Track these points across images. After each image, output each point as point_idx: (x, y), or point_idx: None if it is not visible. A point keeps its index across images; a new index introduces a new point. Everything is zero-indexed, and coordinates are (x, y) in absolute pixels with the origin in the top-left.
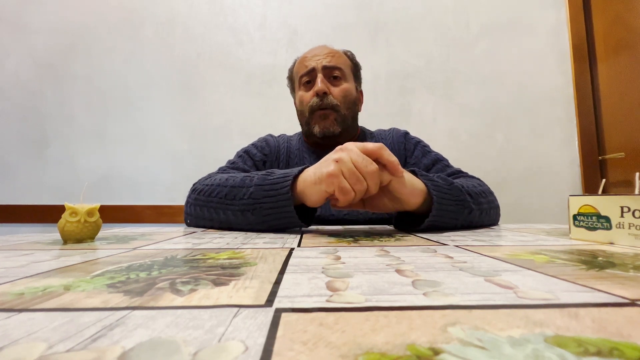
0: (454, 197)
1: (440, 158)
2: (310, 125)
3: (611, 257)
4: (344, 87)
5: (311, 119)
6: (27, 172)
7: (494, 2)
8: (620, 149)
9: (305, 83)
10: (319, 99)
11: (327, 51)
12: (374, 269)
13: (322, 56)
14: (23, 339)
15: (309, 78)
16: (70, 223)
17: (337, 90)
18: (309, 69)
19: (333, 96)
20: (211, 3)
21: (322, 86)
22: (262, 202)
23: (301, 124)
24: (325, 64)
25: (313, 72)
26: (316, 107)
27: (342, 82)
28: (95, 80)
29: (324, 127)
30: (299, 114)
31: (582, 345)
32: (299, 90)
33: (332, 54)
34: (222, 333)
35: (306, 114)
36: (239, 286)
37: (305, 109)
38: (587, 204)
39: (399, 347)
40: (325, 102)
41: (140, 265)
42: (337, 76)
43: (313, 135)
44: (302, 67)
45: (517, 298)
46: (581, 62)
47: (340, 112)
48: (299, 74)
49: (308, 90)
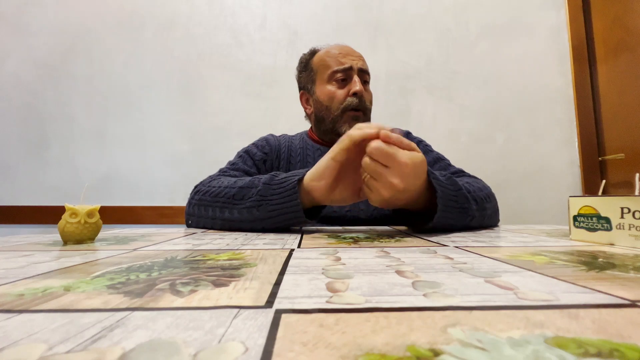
0: (459, 204)
1: (441, 157)
2: (338, 123)
3: (611, 258)
4: (371, 92)
5: (341, 117)
6: (27, 173)
7: (493, 3)
8: (620, 150)
9: (340, 80)
10: (356, 100)
11: (358, 54)
12: (374, 270)
13: (356, 57)
14: (23, 340)
15: (344, 76)
16: (70, 224)
17: (367, 95)
18: (345, 66)
19: (366, 99)
20: (211, 4)
21: (361, 87)
22: (269, 198)
23: (322, 119)
24: (360, 66)
25: (350, 71)
26: (351, 107)
27: (368, 87)
28: (95, 81)
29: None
30: (322, 109)
31: (582, 346)
32: (327, 84)
33: (362, 58)
34: (222, 334)
35: (337, 111)
36: (239, 287)
37: (336, 106)
38: (587, 205)
39: (399, 348)
40: (363, 104)
41: (141, 266)
42: (367, 81)
43: (337, 134)
44: (336, 62)
45: (517, 299)
46: (581, 63)
47: (368, 115)
48: (330, 68)
49: (341, 87)
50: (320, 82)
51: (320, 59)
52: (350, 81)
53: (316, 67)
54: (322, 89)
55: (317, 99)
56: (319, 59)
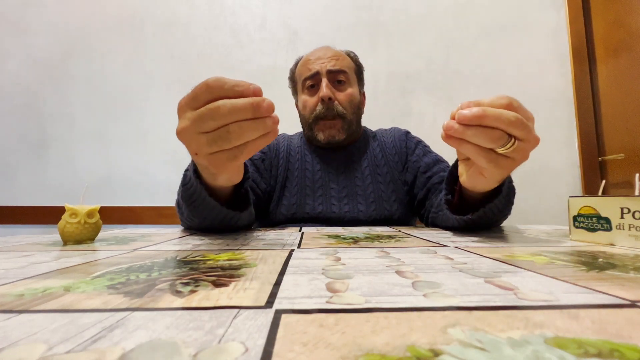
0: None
1: (441, 159)
2: (314, 131)
3: (611, 259)
4: (349, 92)
5: (314, 126)
6: (27, 173)
7: (493, 4)
8: (620, 150)
9: (309, 87)
10: (324, 107)
11: (331, 54)
12: (374, 270)
13: (327, 59)
14: (23, 340)
15: (313, 82)
16: (70, 224)
17: (342, 95)
18: (312, 72)
19: (339, 102)
20: (211, 4)
21: (327, 92)
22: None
23: (303, 127)
24: (329, 67)
25: (317, 76)
26: (321, 116)
27: (346, 86)
28: (95, 81)
29: (329, 135)
30: (301, 118)
31: (582, 346)
32: (302, 94)
33: (337, 57)
34: (222, 334)
35: (310, 120)
36: (239, 287)
37: (308, 114)
38: (587, 205)
39: (399, 348)
40: (331, 111)
41: (140, 266)
42: (342, 80)
43: (316, 140)
44: (306, 70)
45: (517, 299)
46: (581, 64)
47: (347, 118)
48: (302, 77)
49: (312, 94)
50: (299, 91)
51: (298, 68)
52: (319, 87)
53: (296, 77)
54: (300, 99)
55: (298, 108)
56: (297, 69)
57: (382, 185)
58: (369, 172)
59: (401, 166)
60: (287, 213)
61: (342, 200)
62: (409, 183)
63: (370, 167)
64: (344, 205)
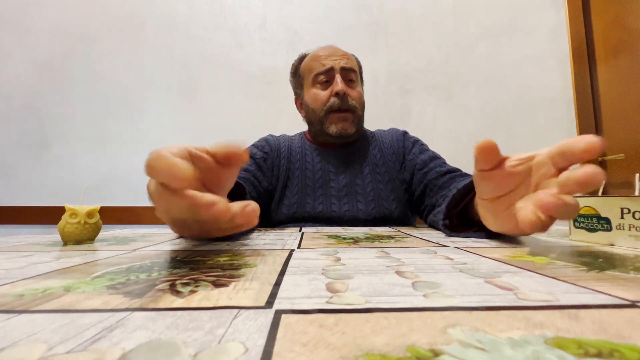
0: None
1: (437, 156)
2: (325, 124)
3: (611, 259)
4: (359, 90)
5: (326, 119)
6: (27, 173)
7: (493, 4)
8: (620, 151)
9: (323, 82)
10: (338, 100)
11: (342, 52)
12: (374, 271)
13: (339, 57)
14: (23, 340)
15: (326, 77)
16: (70, 224)
17: (354, 92)
18: (326, 67)
19: (351, 98)
20: (211, 4)
21: (342, 87)
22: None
23: (311, 121)
24: (343, 65)
25: (331, 71)
26: (335, 108)
27: (356, 84)
28: (95, 81)
29: (342, 128)
30: (310, 112)
31: (582, 347)
32: (311, 88)
33: (347, 56)
34: (222, 334)
35: (321, 113)
36: (239, 287)
37: (320, 107)
38: (587, 206)
39: (399, 348)
40: (345, 104)
41: (140, 266)
42: (352, 79)
43: (326, 134)
44: (319, 65)
45: (517, 299)
46: (581, 64)
47: (357, 113)
48: (313, 72)
49: (324, 89)
50: (307, 86)
51: (306, 63)
52: (333, 82)
53: (303, 72)
54: (309, 93)
55: (305, 103)
56: (305, 64)
57: (381, 185)
58: (368, 171)
59: (399, 165)
60: (288, 212)
61: (342, 199)
62: (406, 181)
63: (369, 166)
64: (343, 204)
